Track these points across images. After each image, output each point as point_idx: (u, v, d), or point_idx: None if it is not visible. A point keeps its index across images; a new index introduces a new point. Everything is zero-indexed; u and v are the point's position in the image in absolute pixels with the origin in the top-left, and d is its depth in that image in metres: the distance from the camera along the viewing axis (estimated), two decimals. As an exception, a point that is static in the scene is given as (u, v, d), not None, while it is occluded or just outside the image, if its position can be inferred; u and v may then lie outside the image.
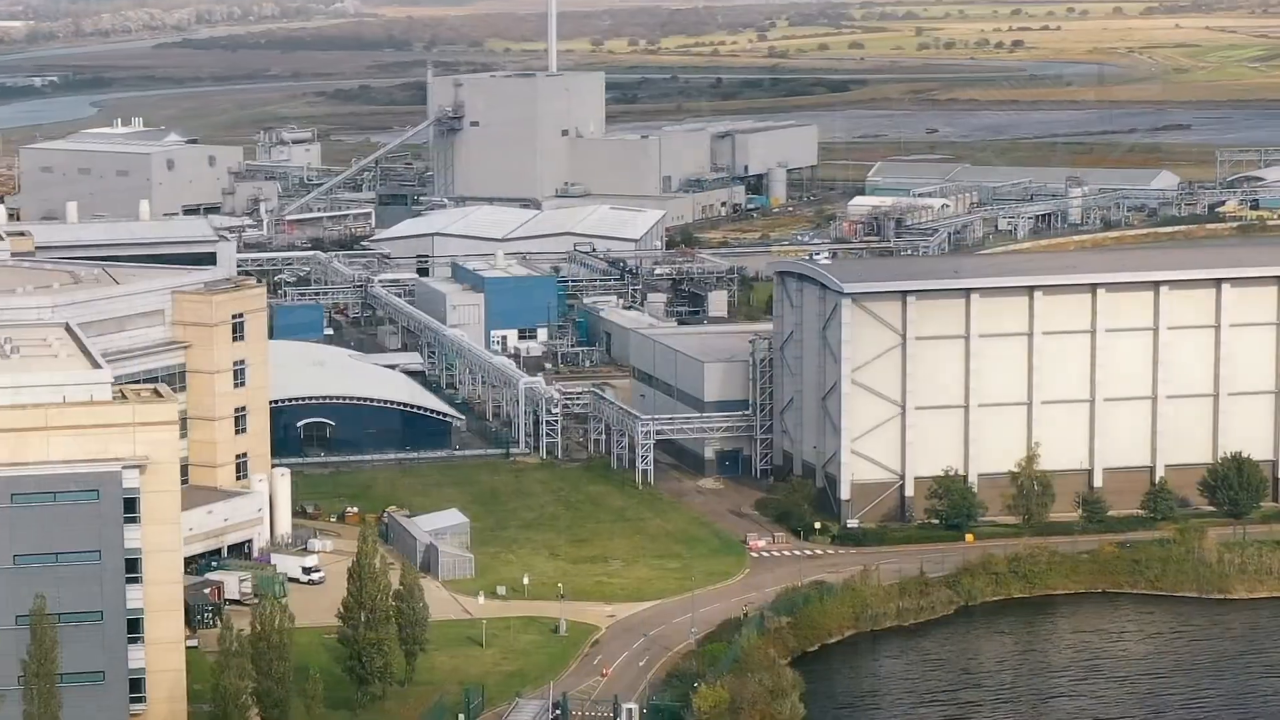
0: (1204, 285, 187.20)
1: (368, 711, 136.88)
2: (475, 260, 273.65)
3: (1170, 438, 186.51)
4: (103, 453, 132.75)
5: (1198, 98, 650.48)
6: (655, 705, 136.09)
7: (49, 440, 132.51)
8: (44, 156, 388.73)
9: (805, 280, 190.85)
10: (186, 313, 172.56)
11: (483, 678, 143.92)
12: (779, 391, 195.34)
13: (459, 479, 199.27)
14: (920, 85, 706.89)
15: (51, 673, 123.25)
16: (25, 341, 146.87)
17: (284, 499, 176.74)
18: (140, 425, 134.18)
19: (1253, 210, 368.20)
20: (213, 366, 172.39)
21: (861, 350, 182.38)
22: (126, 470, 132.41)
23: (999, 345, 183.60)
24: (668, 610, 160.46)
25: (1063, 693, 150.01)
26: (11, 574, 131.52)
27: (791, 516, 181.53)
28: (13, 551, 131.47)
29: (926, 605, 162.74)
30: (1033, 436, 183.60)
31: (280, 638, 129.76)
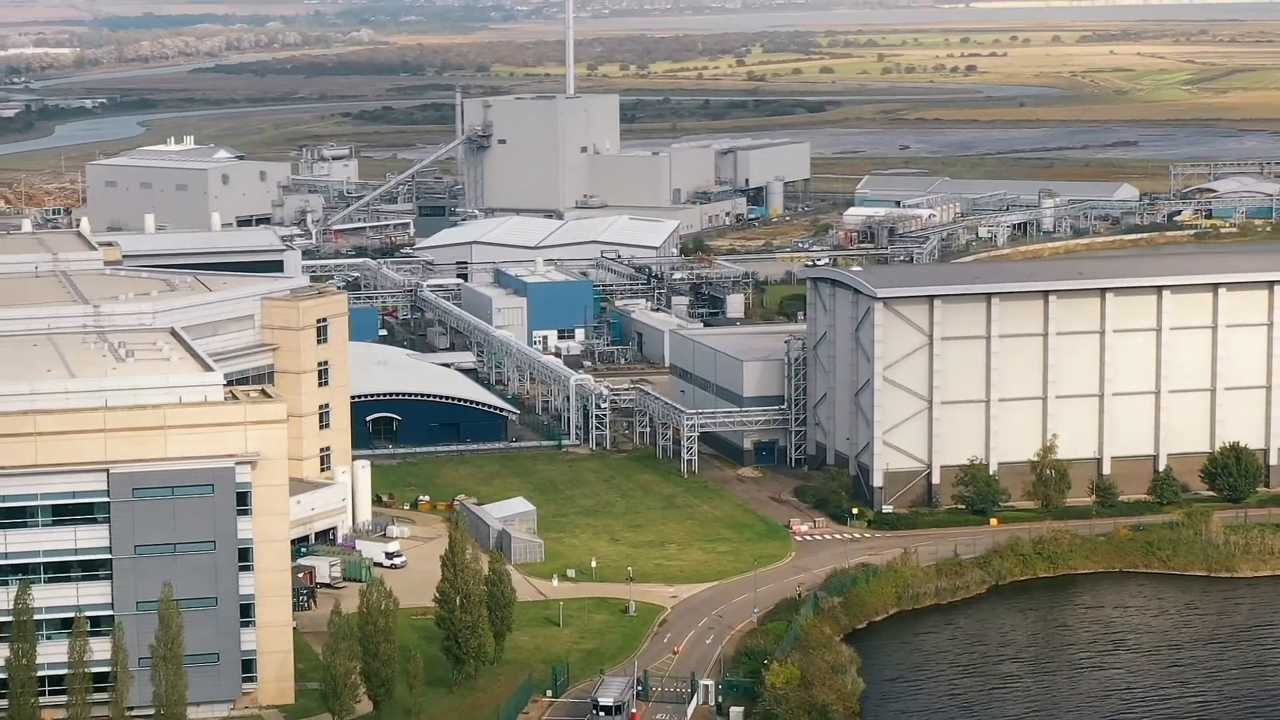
0: (1202, 290, 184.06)
1: (462, 688, 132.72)
2: (516, 267, 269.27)
3: (1172, 429, 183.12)
4: (217, 449, 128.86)
5: (1138, 117, 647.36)
6: (729, 681, 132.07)
7: (167, 438, 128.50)
8: (108, 172, 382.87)
9: (838, 285, 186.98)
10: (274, 317, 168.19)
11: (564, 656, 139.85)
12: (812, 387, 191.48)
13: (517, 469, 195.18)
14: (888, 106, 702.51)
15: (179, 656, 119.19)
16: (137, 346, 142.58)
17: (364, 489, 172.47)
18: (251, 424, 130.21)
19: (1207, 219, 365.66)
20: (299, 367, 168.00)
21: (892, 350, 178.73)
22: (239, 466, 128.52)
23: (1017, 345, 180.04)
24: (726, 591, 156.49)
25: (1093, 665, 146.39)
26: (133, 563, 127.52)
27: (829, 503, 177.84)
28: (134, 542, 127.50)
29: (961, 585, 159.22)
30: (1048, 428, 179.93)
31: (385, 621, 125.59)
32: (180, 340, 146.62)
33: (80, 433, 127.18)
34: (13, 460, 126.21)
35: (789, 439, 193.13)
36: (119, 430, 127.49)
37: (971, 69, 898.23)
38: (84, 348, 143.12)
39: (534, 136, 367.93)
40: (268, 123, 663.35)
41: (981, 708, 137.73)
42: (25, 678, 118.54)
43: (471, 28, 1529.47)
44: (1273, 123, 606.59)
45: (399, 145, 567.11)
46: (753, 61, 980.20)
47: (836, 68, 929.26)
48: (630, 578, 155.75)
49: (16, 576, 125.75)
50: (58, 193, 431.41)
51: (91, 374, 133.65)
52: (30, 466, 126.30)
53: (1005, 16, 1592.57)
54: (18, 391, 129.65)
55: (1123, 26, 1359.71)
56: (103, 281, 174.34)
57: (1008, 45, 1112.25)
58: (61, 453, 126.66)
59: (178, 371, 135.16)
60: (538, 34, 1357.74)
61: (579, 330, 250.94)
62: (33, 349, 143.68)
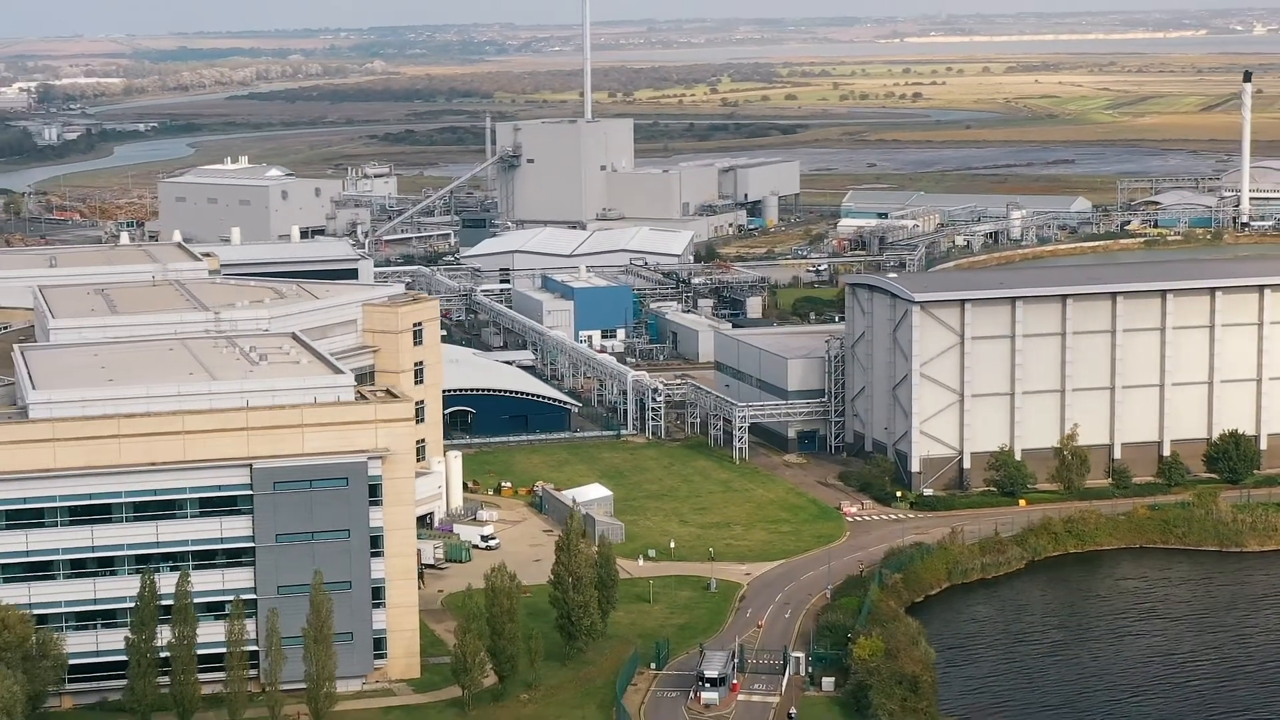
0: (1201, 293, 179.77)
1: (574, 662, 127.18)
2: (560, 273, 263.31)
3: (1175, 418, 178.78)
4: (349, 445, 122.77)
5: (1071, 138, 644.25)
6: (818, 654, 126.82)
7: (304, 436, 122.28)
8: (177, 189, 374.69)
9: (875, 290, 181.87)
10: (375, 322, 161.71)
11: (659, 630, 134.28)
12: (850, 382, 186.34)
13: (583, 457, 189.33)
14: (851, 128, 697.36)
15: (328, 636, 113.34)
16: (268, 350, 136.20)
17: (456, 477, 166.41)
18: (381, 422, 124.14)
19: (1154, 228, 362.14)
20: (397, 367, 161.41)
21: (928, 348, 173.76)
22: (371, 460, 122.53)
23: (1039, 343, 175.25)
24: (794, 568, 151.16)
25: (1131, 633, 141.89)
26: (274, 551, 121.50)
27: (872, 486, 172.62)
28: (275, 531, 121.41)
29: (1003, 561, 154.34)
30: (1066, 418, 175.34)
31: (510, 602, 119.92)
32: (303, 344, 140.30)
33: (225, 431, 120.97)
34: (163, 456, 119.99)
35: (829, 428, 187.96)
36: (260, 428, 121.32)
37: (918, 95, 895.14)
38: (217, 352, 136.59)
39: (559, 156, 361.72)
40: (303, 144, 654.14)
41: (1038, 673, 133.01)
42: (186, 657, 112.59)
43: (471, 60, 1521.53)
44: (1190, 142, 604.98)
45: (423, 164, 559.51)
46: (724, 90, 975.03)
47: (799, 95, 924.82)
48: (711, 556, 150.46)
49: (167, 564, 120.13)
50: (127, 207, 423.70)
51: (231, 376, 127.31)
52: (179, 462, 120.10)
53: (937, 50, 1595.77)
54: (166, 393, 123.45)
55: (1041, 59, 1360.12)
56: (215, 289, 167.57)
57: (944, 75, 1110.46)
58: (208, 449, 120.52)
59: (311, 373, 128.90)
60: (530, 65, 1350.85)
61: (620, 330, 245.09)
62: (169, 353, 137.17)
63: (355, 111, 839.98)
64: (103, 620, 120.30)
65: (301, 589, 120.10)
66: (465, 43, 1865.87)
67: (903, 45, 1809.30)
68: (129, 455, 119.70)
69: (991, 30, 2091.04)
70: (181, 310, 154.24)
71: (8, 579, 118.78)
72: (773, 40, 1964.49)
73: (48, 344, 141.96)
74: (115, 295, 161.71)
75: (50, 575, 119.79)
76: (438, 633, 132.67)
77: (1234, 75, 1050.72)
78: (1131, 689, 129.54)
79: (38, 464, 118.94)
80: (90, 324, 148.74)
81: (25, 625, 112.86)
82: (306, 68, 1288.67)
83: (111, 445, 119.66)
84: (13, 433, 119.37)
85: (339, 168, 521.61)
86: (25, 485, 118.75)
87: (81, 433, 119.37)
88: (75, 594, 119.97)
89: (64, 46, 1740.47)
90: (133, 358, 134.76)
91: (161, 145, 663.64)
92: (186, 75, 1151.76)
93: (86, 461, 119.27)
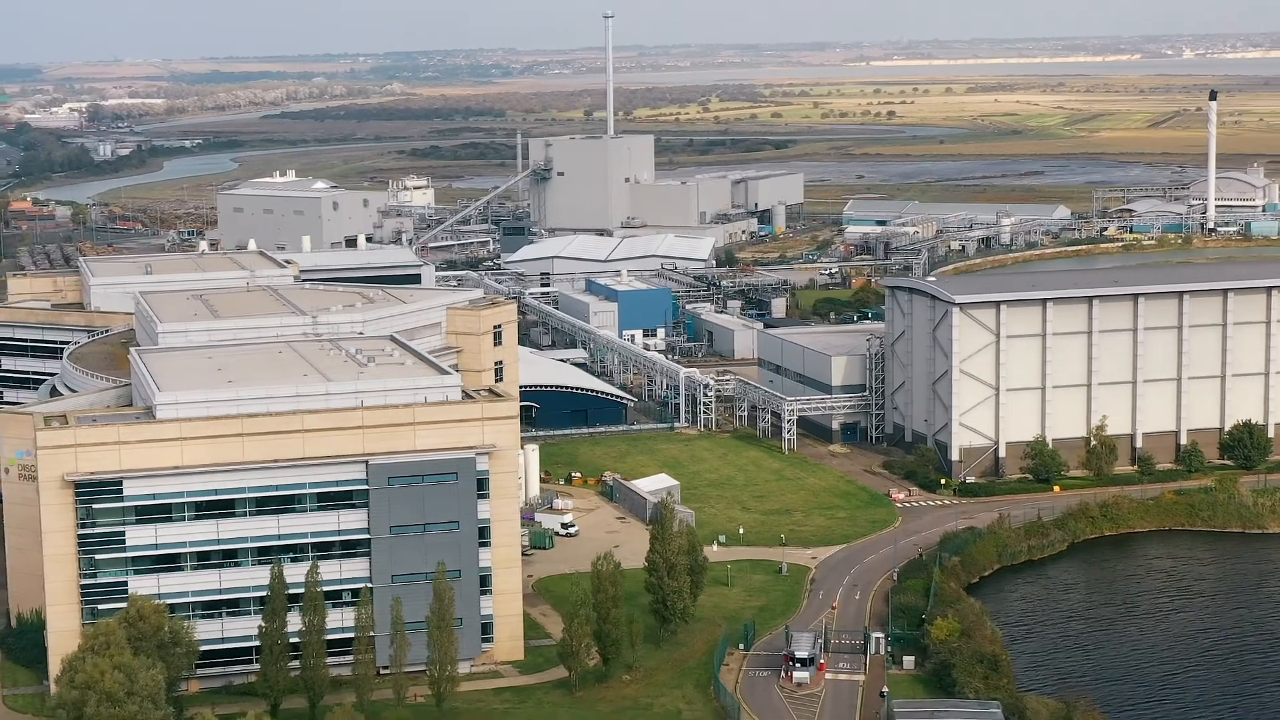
0: (1214, 294, 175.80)
1: (668, 644, 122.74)
2: (602, 277, 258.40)
3: (1191, 409, 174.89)
4: (458, 442, 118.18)
5: (1037, 152, 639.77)
6: (896, 634, 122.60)
7: (416, 433, 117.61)
8: (235, 200, 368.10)
9: (915, 293, 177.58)
10: (458, 324, 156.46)
11: (740, 612, 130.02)
12: (889, 377, 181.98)
13: (642, 448, 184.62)
14: (836, 143, 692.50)
15: (450, 623, 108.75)
16: (373, 352, 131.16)
17: (533, 469, 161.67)
18: (488, 420, 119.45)
19: (1130, 234, 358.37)
20: (479, 366, 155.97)
21: (966, 346, 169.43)
22: (479, 456, 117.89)
23: (1067, 341, 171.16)
24: (855, 552, 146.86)
25: (1172, 609, 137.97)
26: (389, 542, 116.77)
27: (916, 474, 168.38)
28: (390, 523, 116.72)
29: (1047, 543, 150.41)
30: (1093, 410, 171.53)
31: (614, 590, 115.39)
32: (403, 346, 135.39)
33: (342, 429, 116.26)
34: (284, 454, 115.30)
35: (869, 420, 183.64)
36: (375, 427, 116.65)
37: (892, 114, 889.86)
38: (324, 354, 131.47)
39: (587, 169, 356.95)
40: (337, 158, 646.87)
41: (1094, 649, 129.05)
42: (316, 643, 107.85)
43: (480, 82, 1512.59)
44: (1145, 155, 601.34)
45: (450, 177, 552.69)
46: (716, 109, 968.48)
47: (784, 113, 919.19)
48: (783, 542, 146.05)
49: (287, 556, 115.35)
50: (185, 217, 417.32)
51: (344, 378, 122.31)
52: (299, 459, 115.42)
53: (901, 72, 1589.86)
54: (285, 394, 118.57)
55: (997, 80, 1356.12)
56: (307, 294, 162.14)
57: (912, 95, 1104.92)
58: (325, 447, 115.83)
59: (418, 374, 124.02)
60: (534, 87, 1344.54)
61: (660, 330, 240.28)
62: (278, 355, 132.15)
63: (380, 129, 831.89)
64: (228, 609, 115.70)
65: (413, 578, 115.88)
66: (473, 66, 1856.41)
67: (869, 68, 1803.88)
68: (252, 453, 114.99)
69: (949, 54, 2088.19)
70: (280, 314, 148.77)
71: (138, 571, 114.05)
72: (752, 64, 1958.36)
73: (163, 347, 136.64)
74: (214, 300, 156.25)
75: (178, 567, 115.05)
76: (533, 616, 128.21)
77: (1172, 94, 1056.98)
78: (1183, 663, 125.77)
79: (166, 462, 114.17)
80: (196, 328, 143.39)
81: (159, 615, 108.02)
82: (331, 89, 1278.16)
83: (235, 443, 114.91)
84: (143, 432, 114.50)
85: (373, 180, 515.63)
86: (155, 482, 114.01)
87: (208, 432, 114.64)
88: (202, 584, 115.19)
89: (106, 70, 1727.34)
90: (245, 360, 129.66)
91: (206, 160, 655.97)
92: (223, 96, 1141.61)
93: (212, 459, 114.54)
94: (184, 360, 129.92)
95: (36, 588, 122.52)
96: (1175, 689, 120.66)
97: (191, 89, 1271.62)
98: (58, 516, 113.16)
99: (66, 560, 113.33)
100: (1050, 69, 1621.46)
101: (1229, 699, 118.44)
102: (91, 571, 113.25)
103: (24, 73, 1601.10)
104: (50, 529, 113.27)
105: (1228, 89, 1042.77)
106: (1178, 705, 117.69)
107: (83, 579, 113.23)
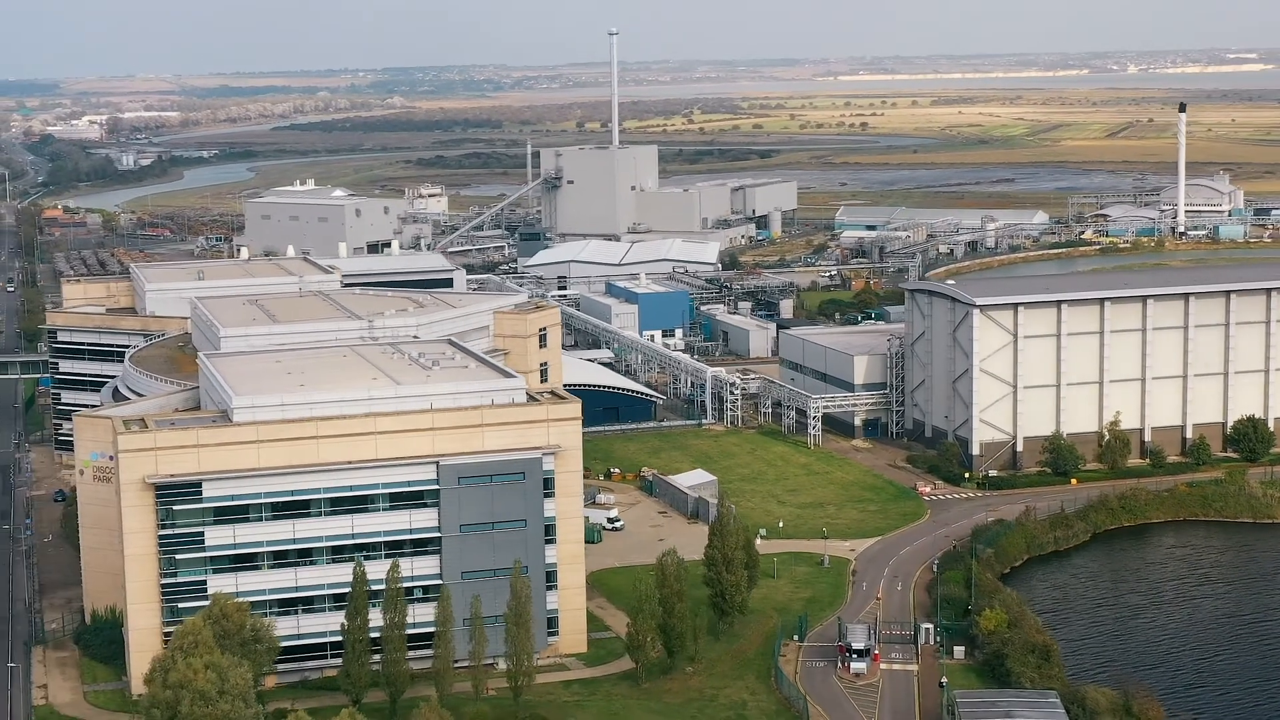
0: (1218, 296, 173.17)
1: (726, 636, 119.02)
2: (620, 280, 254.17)
3: (1196, 404, 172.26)
4: (524, 443, 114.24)
5: (1005, 160, 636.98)
6: (945, 625, 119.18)
7: (484, 434, 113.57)
8: (261, 207, 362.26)
9: (935, 295, 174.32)
10: (506, 327, 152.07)
11: (789, 603, 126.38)
12: (909, 375, 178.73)
13: (673, 444, 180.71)
14: (817, 153, 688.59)
15: (527, 620, 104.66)
16: (437, 356, 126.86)
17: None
18: (553, 421, 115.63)
19: (1106, 238, 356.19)
20: (526, 368, 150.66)
21: (985, 346, 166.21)
22: (545, 456, 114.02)
23: (1081, 341, 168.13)
24: (891, 544, 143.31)
25: (1194, 595, 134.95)
26: (459, 539, 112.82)
27: (939, 469, 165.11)
28: (459, 522, 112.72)
29: (1071, 535, 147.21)
30: (1104, 406, 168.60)
31: (679, 585, 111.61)
32: (461, 349, 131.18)
33: (413, 431, 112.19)
34: (357, 455, 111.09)
35: (890, 417, 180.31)
36: (445, 428, 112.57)
37: (865, 125, 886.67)
38: (387, 357, 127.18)
39: (595, 178, 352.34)
40: (348, 168, 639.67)
41: (1126, 636, 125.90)
42: (397, 639, 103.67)
43: (474, 95, 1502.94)
44: (1106, 163, 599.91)
45: (458, 185, 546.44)
46: (699, 120, 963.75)
47: (764, 124, 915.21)
48: (825, 535, 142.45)
49: (360, 554, 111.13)
50: (211, 224, 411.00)
51: (412, 381, 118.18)
52: (371, 460, 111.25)
53: (866, 86, 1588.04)
54: (357, 397, 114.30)
55: (958, 93, 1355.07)
56: (358, 299, 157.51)
57: (880, 108, 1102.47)
58: (397, 448, 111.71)
59: (483, 377, 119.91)
60: (527, 100, 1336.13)
61: (678, 330, 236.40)
62: (343, 359, 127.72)
63: (386, 140, 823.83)
64: (303, 606, 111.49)
65: (482, 574, 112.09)
66: (466, 81, 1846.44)
67: (837, 82, 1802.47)
68: (326, 455, 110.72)
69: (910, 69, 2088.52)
70: (336, 319, 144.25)
71: (217, 570, 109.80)
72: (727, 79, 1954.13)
73: (228, 351, 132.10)
74: (269, 305, 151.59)
75: (255, 566, 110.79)
76: (589, 609, 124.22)
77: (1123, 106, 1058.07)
78: (1213, 649, 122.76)
79: (244, 464, 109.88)
80: (257, 332, 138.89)
81: (242, 613, 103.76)
82: (336, 102, 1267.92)
83: (310, 446, 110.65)
84: (221, 435, 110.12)
85: (384, 188, 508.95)
86: (233, 484, 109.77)
87: (283, 434, 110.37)
88: (278, 583, 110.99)
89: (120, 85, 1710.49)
90: (312, 364, 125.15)
91: (224, 170, 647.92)
92: (234, 109, 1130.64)
93: (288, 461, 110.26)
94: (252, 364, 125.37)
95: (110, 585, 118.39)
96: (1210, 675, 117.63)
97: (203, 102, 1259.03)
98: (139, 517, 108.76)
99: (147, 560, 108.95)
100: (1006, 83, 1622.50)
101: (1262, 684, 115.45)
102: (172, 571, 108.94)
103: (43, 87, 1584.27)
104: (131, 530, 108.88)
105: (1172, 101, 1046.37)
106: (1216, 691, 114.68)
107: (163, 578, 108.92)
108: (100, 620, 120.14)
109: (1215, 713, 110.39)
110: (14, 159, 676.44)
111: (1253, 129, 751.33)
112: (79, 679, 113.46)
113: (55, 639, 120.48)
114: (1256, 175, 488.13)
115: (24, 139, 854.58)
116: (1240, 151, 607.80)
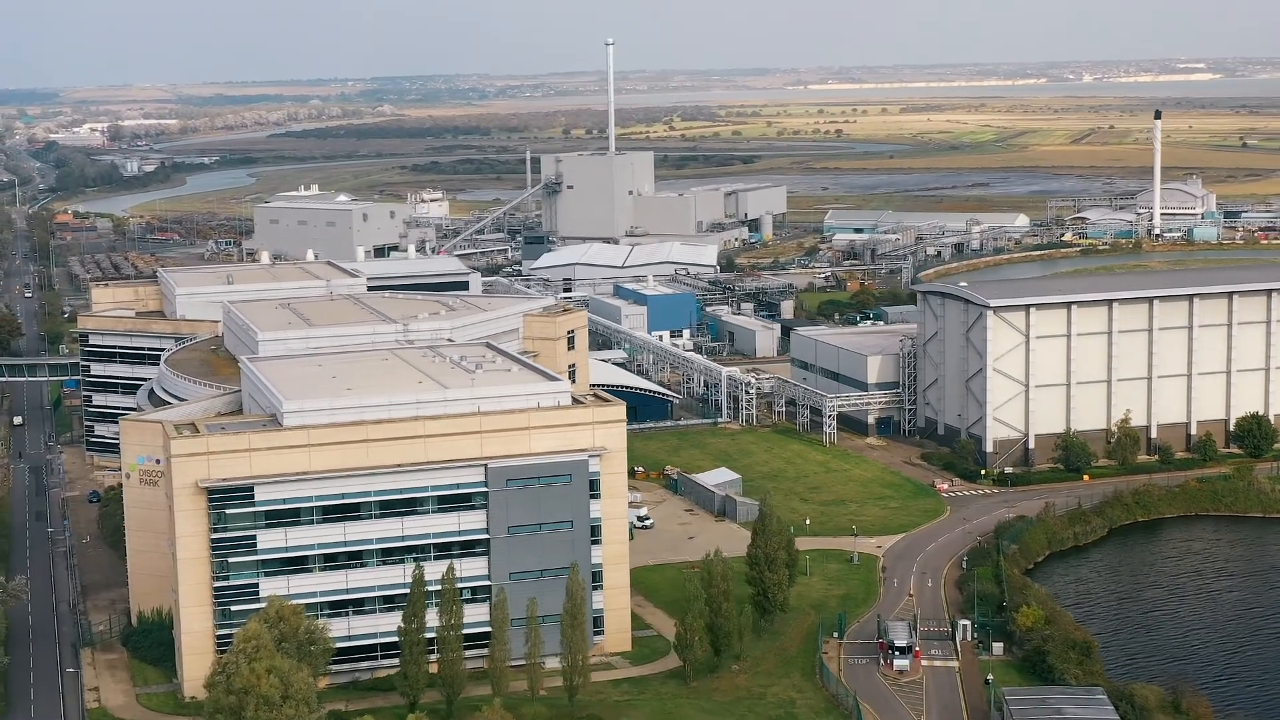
0: (1220, 297, 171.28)
1: (767, 633, 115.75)
2: (628, 282, 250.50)
3: (1200, 402, 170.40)
4: (571, 445, 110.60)
5: (978, 165, 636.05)
6: (983, 622, 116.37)
7: (530, 437, 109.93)
8: (271, 212, 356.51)
9: (947, 297, 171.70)
10: (535, 330, 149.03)
11: (824, 601, 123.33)
12: (922, 375, 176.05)
13: (691, 443, 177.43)
14: (797, 159, 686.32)
15: (582, 620, 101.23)
16: (474, 359, 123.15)
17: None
18: (598, 423, 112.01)
19: (1085, 240, 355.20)
20: (555, 370, 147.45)
21: (998, 346, 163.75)
22: (591, 458, 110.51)
23: (1090, 341, 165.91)
24: (916, 540, 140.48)
25: (1213, 589, 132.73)
26: (507, 540, 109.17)
27: (955, 466, 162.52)
28: (508, 524, 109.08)
29: (1089, 530, 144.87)
30: (1113, 404, 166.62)
31: (725, 585, 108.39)
32: (501, 352, 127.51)
33: (461, 434, 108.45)
34: (406, 459, 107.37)
35: (903, 415, 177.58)
36: (492, 431, 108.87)
37: (839, 132, 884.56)
38: (429, 361, 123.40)
39: (594, 183, 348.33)
40: (346, 173, 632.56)
41: (1152, 629, 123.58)
42: (453, 640, 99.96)
43: (460, 103, 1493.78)
44: (1075, 168, 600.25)
45: (454, 190, 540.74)
46: (680, 127, 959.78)
47: (742, 131, 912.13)
48: (855, 533, 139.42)
49: (410, 556, 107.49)
50: (219, 228, 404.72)
51: (457, 384, 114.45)
52: (420, 463, 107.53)
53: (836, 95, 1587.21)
54: (406, 400, 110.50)
55: (925, 101, 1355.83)
56: (389, 302, 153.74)
57: (852, 115, 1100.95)
58: (446, 451, 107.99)
59: (528, 380, 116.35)
60: (512, 108, 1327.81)
61: (685, 331, 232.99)
62: (384, 362, 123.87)
63: (380, 146, 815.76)
64: (354, 608, 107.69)
65: (530, 575, 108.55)
66: (452, 90, 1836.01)
67: (808, 91, 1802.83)
68: (376, 458, 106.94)
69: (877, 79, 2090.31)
70: (370, 322, 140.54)
71: (269, 573, 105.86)
72: (703, 87, 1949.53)
73: (268, 355, 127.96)
74: (302, 309, 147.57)
75: (307, 569, 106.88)
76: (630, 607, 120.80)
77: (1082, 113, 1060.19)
78: (1239, 641, 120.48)
79: (294, 468, 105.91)
80: (295, 335, 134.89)
81: (298, 616, 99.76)
82: (328, 110, 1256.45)
83: (360, 449, 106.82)
84: (272, 439, 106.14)
85: (383, 193, 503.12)
86: (284, 487, 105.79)
87: (334, 438, 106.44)
88: (329, 585, 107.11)
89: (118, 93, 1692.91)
90: (355, 367, 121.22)
91: (225, 175, 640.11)
92: (230, 117, 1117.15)
93: (338, 464, 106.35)
94: (295, 368, 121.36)
95: (157, 588, 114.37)
96: (1239, 667, 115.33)
97: (200, 110, 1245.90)
98: (191, 521, 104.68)
99: (199, 563, 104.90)
100: (969, 91, 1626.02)
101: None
102: (224, 574, 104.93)
103: (43, 96, 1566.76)
104: (183, 533, 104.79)
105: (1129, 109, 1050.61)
106: (1245, 683, 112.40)
107: (215, 581, 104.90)
108: (147, 622, 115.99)
109: (1244, 703, 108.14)
110: (20, 165, 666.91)
111: (1209, 135, 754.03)
112: (130, 681, 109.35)
113: (103, 641, 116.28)
114: (1219, 179, 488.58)
115: (29, 146, 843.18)
116: (1200, 156, 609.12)
